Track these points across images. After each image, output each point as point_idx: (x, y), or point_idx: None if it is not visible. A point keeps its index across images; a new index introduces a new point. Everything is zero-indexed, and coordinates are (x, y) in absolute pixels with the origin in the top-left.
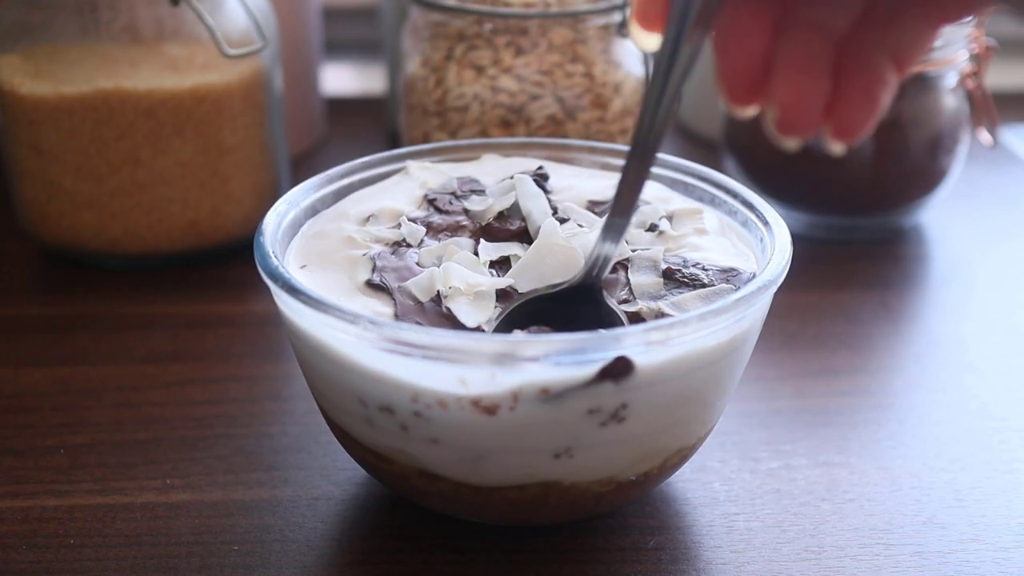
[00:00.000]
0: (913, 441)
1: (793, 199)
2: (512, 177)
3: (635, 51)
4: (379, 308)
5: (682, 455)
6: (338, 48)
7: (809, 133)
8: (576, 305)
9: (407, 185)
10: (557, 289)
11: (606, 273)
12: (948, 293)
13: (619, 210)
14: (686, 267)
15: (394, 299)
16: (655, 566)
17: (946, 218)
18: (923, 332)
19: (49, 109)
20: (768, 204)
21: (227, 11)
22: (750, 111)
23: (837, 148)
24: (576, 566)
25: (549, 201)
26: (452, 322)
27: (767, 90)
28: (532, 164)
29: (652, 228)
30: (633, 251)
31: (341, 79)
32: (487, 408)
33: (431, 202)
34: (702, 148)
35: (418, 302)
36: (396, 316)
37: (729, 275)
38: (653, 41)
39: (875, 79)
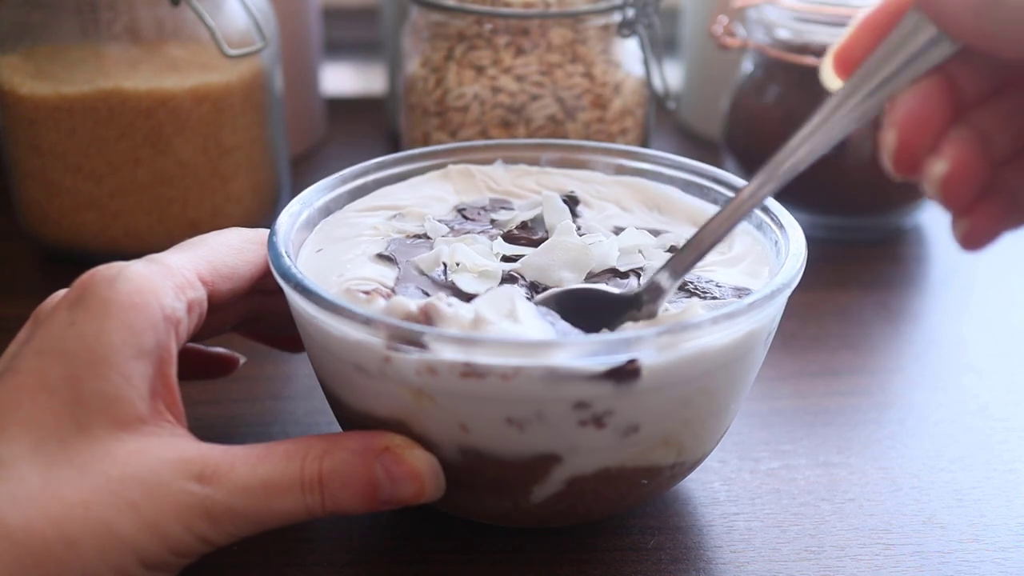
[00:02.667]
0: (913, 441)
1: (793, 199)
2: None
3: (635, 51)
4: (383, 272)
5: (673, 474)
6: (338, 48)
7: (962, 213)
8: (612, 313)
9: (442, 192)
10: (611, 293)
11: (655, 305)
12: (948, 293)
13: (694, 247)
14: (699, 282)
15: (399, 267)
16: (655, 566)
17: (946, 218)
18: (923, 332)
19: (49, 109)
20: (783, 208)
21: (227, 11)
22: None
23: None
24: (576, 566)
25: (575, 221)
26: (453, 290)
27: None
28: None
29: (672, 250)
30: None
31: (341, 79)
32: (477, 374)
33: (460, 211)
34: (702, 148)
35: (422, 273)
36: (397, 280)
37: (742, 293)
38: (837, 84)
39: (1009, 212)
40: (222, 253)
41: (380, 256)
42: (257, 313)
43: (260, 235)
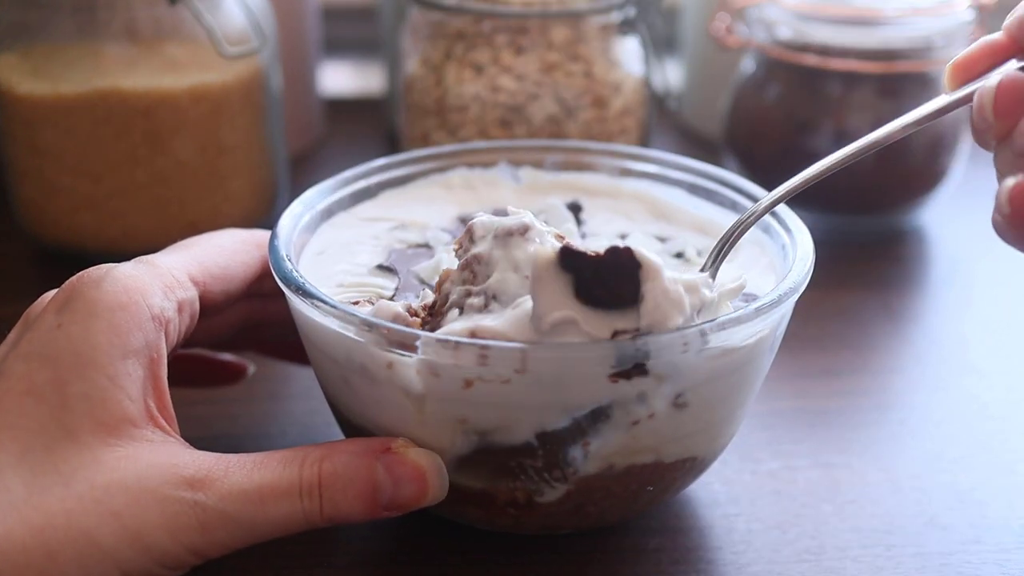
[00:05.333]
0: (914, 442)
1: (793, 199)
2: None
3: (635, 51)
4: (383, 283)
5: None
6: (337, 47)
7: None
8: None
9: (445, 201)
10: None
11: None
12: (949, 293)
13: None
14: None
15: (399, 277)
16: (655, 567)
17: (946, 218)
18: (924, 332)
19: (47, 109)
20: (790, 210)
21: (225, 10)
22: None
23: None
24: (576, 567)
25: (580, 228)
26: None
27: None
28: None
29: (679, 255)
30: None
31: (340, 78)
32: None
33: (463, 221)
34: (703, 147)
35: (423, 282)
36: (397, 289)
37: (748, 297)
38: (953, 90)
39: None
40: (214, 254)
41: (381, 267)
42: (258, 319)
43: (254, 236)
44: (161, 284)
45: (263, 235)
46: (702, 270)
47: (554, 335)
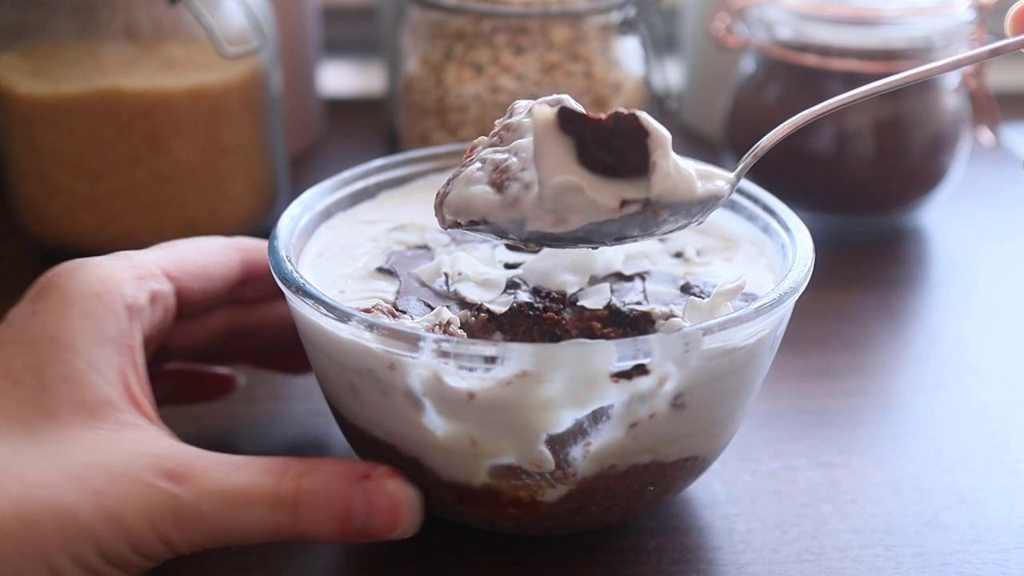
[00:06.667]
0: (914, 442)
1: (793, 199)
2: None
3: (635, 51)
4: (384, 287)
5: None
6: (337, 47)
7: None
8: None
9: None
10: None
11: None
12: (949, 293)
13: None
14: (705, 286)
15: (400, 280)
16: (655, 567)
17: (946, 218)
18: (924, 332)
19: (46, 108)
20: (790, 210)
21: (225, 10)
22: None
23: None
24: (576, 568)
25: None
26: (457, 300)
27: None
28: None
29: (679, 255)
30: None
31: (340, 78)
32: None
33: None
34: (702, 147)
35: (424, 284)
36: (398, 293)
37: (748, 299)
38: (1012, 34)
39: None
40: (192, 252)
41: (380, 270)
42: (242, 326)
43: (235, 240)
44: (134, 275)
45: (245, 240)
46: None
47: (559, 205)
